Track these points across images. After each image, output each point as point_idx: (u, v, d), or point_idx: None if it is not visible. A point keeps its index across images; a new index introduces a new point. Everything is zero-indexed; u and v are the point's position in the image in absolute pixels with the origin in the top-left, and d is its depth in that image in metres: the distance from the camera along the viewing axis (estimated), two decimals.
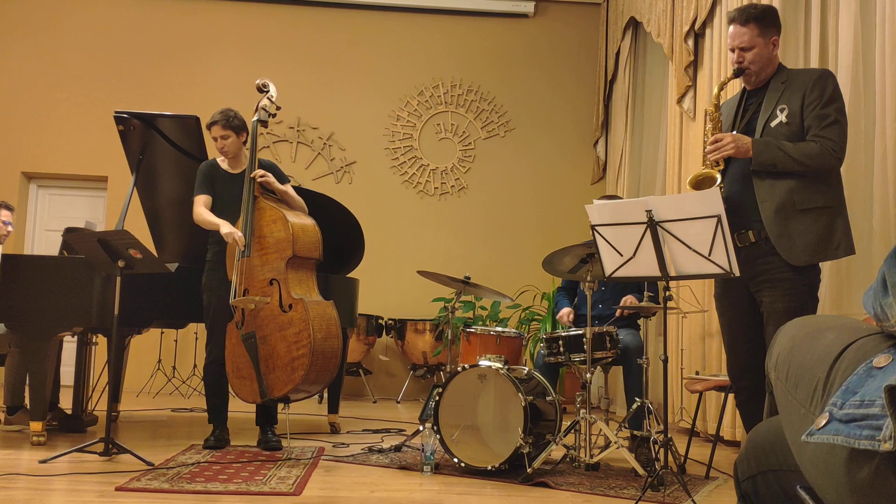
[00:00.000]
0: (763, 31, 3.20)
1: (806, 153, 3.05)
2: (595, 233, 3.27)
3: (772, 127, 3.16)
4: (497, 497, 3.25)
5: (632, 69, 7.36)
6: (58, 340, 4.56)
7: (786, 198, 3.08)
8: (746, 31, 3.19)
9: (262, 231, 4.19)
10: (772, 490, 1.47)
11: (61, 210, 8.26)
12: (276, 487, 3.20)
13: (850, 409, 1.07)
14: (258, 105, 4.46)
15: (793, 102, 3.14)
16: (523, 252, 8.02)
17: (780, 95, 3.19)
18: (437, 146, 8.49)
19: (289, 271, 4.14)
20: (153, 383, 7.42)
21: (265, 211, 4.21)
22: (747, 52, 3.21)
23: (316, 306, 4.11)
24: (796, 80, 3.20)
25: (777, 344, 1.42)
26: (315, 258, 4.30)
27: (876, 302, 1.17)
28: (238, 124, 4.37)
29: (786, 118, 3.14)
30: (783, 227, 3.08)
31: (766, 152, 3.08)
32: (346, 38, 8.51)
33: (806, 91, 3.12)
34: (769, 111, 3.20)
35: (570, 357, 4.03)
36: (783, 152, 3.06)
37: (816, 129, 3.08)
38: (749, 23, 3.19)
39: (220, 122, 4.33)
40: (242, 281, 4.15)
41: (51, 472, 3.41)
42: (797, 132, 3.13)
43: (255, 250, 4.18)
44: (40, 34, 8.31)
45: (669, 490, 3.32)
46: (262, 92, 4.50)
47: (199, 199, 4.33)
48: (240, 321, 4.14)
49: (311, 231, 4.28)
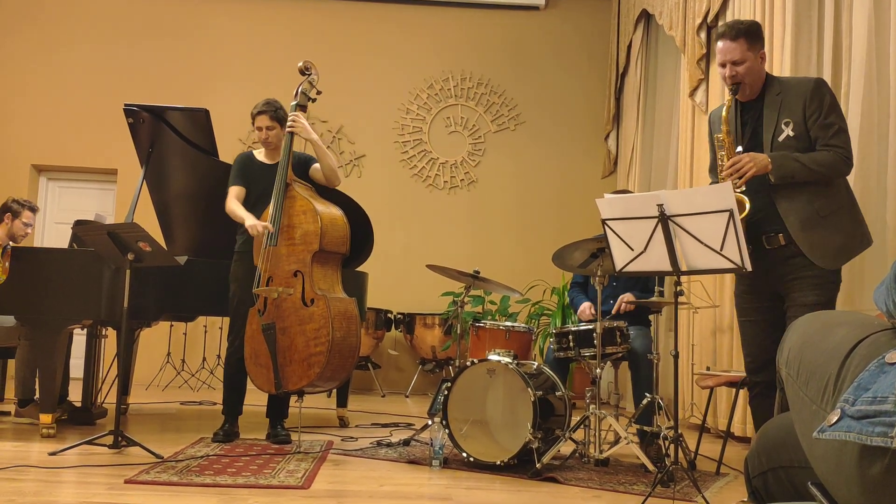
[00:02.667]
0: (752, 45, 3.27)
1: (820, 162, 3.14)
2: (606, 227, 3.25)
3: (780, 141, 3.24)
4: (506, 492, 3.24)
5: (643, 62, 7.32)
6: (67, 333, 4.57)
7: (807, 208, 3.17)
8: (737, 45, 3.26)
9: (291, 220, 4.15)
10: (782, 486, 1.46)
11: (71, 203, 8.29)
12: (285, 481, 3.20)
13: (863, 405, 1.06)
14: (298, 89, 4.34)
15: (795, 115, 3.23)
16: (533, 246, 7.99)
17: (779, 108, 3.27)
18: (447, 139, 8.47)
19: (314, 265, 4.11)
20: (162, 376, 7.44)
21: (296, 200, 4.17)
22: (739, 65, 3.27)
23: (338, 303, 4.09)
24: (791, 91, 3.27)
25: (788, 340, 1.40)
26: (342, 253, 4.27)
27: (889, 298, 1.16)
28: (283, 116, 4.36)
29: (792, 131, 3.23)
30: (812, 238, 3.16)
31: (784, 166, 3.16)
32: (355, 30, 8.49)
33: (805, 102, 3.21)
34: (773, 125, 3.28)
35: (580, 352, 4.01)
36: (799, 163, 3.14)
37: (825, 139, 3.18)
38: (739, 37, 3.26)
39: (267, 113, 4.32)
40: (267, 269, 4.13)
41: (60, 465, 3.43)
42: (805, 142, 3.22)
43: (283, 240, 4.14)
44: (50, 27, 8.33)
45: (679, 486, 3.31)
46: (304, 74, 4.36)
47: (232, 190, 4.34)
48: (261, 308, 4.13)
49: (339, 225, 4.24)
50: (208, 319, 7.44)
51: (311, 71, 4.40)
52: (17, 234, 4.92)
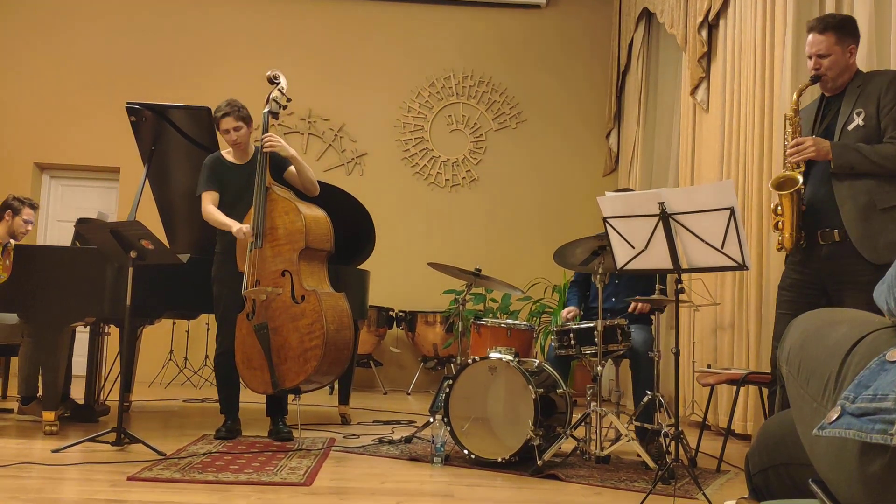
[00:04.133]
0: (840, 40, 3.24)
1: (883, 154, 3.09)
2: (607, 225, 3.26)
3: (849, 130, 3.21)
4: (507, 489, 3.25)
5: (645, 60, 7.31)
6: (70, 331, 4.58)
7: (866, 198, 3.12)
8: (824, 38, 3.24)
9: (274, 222, 4.19)
10: (783, 484, 1.46)
11: (74, 201, 8.30)
12: (287, 478, 3.21)
13: (863, 402, 1.07)
14: (269, 97, 4.43)
15: (869, 105, 3.19)
16: (534, 244, 8.00)
17: (856, 99, 3.24)
18: (449, 138, 8.48)
19: (301, 263, 4.15)
20: (165, 374, 7.46)
21: (277, 202, 4.21)
22: (824, 58, 3.24)
23: (328, 298, 4.12)
24: (871, 82, 3.24)
25: (789, 337, 1.41)
26: (327, 250, 4.31)
27: (889, 296, 1.16)
28: (247, 114, 4.39)
29: (862, 121, 3.19)
30: (865, 228, 3.11)
31: (843, 155, 3.12)
32: (357, 29, 8.50)
33: (881, 93, 3.17)
34: (846, 115, 3.25)
35: (581, 350, 4.01)
36: (861, 154, 3.10)
37: (893, 131, 3.13)
38: (827, 31, 3.24)
39: (232, 114, 4.32)
40: (254, 272, 4.15)
41: (63, 462, 3.44)
42: (874, 134, 3.17)
43: (267, 241, 4.18)
44: (53, 26, 8.34)
45: (680, 483, 3.31)
46: (273, 83, 4.48)
47: (206, 196, 4.33)
48: (250, 312, 4.15)
49: (323, 223, 4.28)
50: (210, 317, 7.41)
51: (279, 79, 4.47)
52: (18, 231, 4.93)
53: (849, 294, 3.14)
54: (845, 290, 3.16)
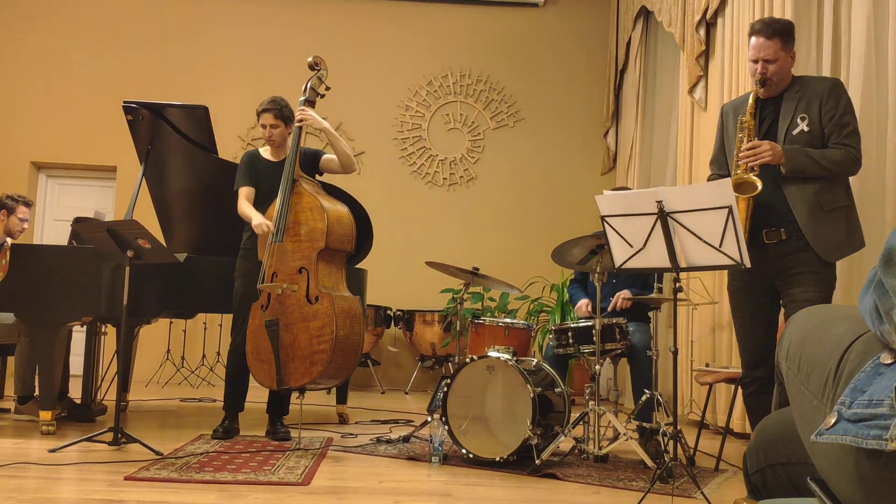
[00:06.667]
0: (785, 45, 3.33)
1: (831, 159, 3.23)
2: (605, 223, 3.25)
3: (794, 135, 3.32)
4: (505, 488, 3.24)
5: (643, 59, 7.31)
6: (67, 330, 4.57)
7: (813, 200, 3.26)
8: (771, 44, 3.31)
9: (297, 217, 4.15)
10: (781, 482, 1.46)
11: (70, 200, 8.28)
12: (285, 477, 3.21)
13: (859, 408, 1.07)
14: (307, 84, 4.33)
15: (811, 111, 3.31)
16: (532, 243, 7.99)
17: (796, 104, 3.35)
18: (447, 136, 8.47)
19: (319, 262, 4.12)
20: (162, 373, 7.45)
21: (302, 196, 4.17)
22: (771, 64, 3.32)
23: (342, 301, 4.09)
24: (809, 88, 3.35)
25: (788, 334, 1.40)
26: (347, 251, 4.28)
27: (875, 327, 1.16)
28: (288, 115, 4.35)
29: (807, 126, 3.30)
30: (816, 229, 3.24)
31: (796, 160, 3.24)
32: (354, 27, 8.48)
33: (822, 101, 3.29)
34: (788, 119, 3.35)
35: (579, 349, 4.01)
36: (811, 159, 3.23)
37: (838, 137, 3.26)
38: (774, 37, 3.32)
39: (272, 111, 4.31)
40: (272, 264, 4.13)
41: (60, 462, 3.43)
42: (818, 139, 3.29)
43: (289, 236, 4.14)
44: (49, 23, 8.32)
45: (678, 482, 3.31)
46: (314, 70, 4.35)
47: (241, 191, 4.35)
48: (265, 304, 4.13)
49: (346, 222, 4.25)
50: (208, 316, 7.44)
51: (321, 66, 4.38)
52: (14, 229, 4.92)
53: (796, 284, 3.27)
54: (794, 282, 3.28)
